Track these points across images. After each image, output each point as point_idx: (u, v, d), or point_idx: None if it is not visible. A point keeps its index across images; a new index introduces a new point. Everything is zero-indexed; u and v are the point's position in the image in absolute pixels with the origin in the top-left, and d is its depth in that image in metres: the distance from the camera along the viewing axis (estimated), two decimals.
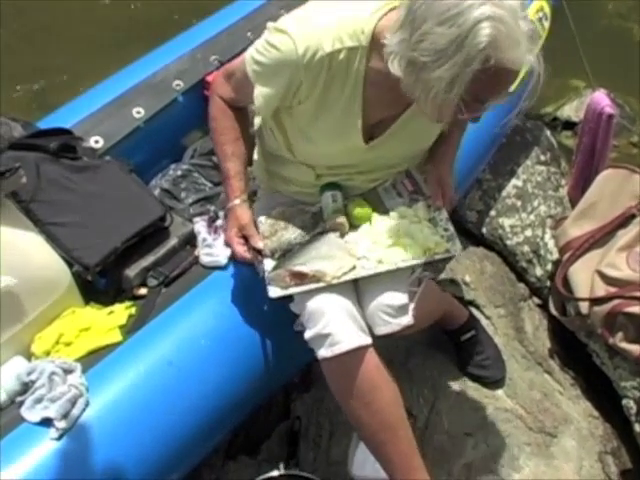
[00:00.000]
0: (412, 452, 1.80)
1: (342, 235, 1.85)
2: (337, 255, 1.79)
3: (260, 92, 1.69)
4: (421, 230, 1.82)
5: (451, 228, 1.83)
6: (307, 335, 1.73)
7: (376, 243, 1.82)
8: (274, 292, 1.76)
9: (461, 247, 1.82)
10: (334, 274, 1.75)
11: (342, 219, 1.85)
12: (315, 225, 1.86)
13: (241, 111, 1.85)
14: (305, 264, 1.76)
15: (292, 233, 1.84)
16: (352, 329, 1.72)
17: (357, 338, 1.71)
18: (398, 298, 1.77)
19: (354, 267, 1.78)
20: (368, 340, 1.73)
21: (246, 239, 1.81)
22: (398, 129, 1.77)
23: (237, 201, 1.81)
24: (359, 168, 1.86)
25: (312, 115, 1.71)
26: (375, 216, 1.88)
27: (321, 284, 1.74)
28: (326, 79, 1.64)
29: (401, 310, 1.77)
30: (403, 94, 1.55)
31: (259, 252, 1.79)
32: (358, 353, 1.72)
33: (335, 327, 1.70)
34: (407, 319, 1.78)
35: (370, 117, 1.73)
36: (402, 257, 1.78)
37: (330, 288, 1.75)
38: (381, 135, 1.77)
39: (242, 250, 1.79)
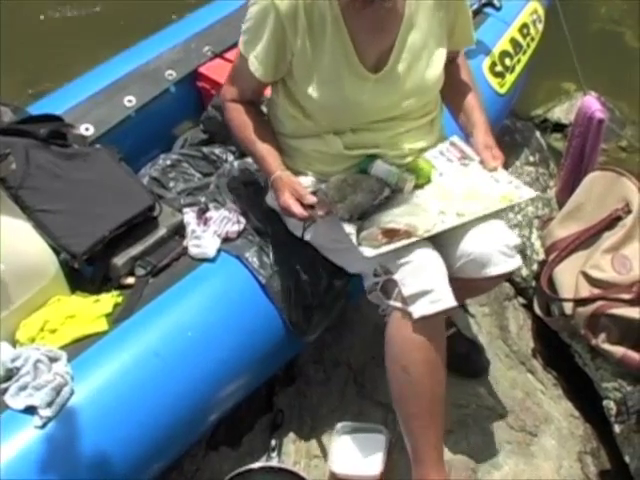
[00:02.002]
0: (440, 443, 1.83)
1: (409, 198, 1.86)
2: (418, 212, 1.80)
3: (252, 56, 1.82)
4: (487, 184, 1.85)
5: (514, 179, 1.87)
6: (406, 292, 1.71)
7: (448, 199, 1.84)
8: (369, 252, 1.74)
9: (533, 191, 1.87)
10: (425, 227, 1.75)
11: (411, 176, 1.87)
12: (382, 189, 1.84)
13: (253, 105, 1.95)
14: (394, 220, 1.76)
15: (362, 197, 1.81)
16: (449, 289, 1.74)
17: (453, 298, 1.73)
18: (513, 238, 1.84)
19: (440, 221, 1.79)
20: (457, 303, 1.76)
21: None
22: (399, 53, 1.82)
23: (278, 172, 1.85)
24: (383, 131, 1.88)
25: (310, 63, 1.79)
26: (435, 177, 1.91)
27: (413, 239, 1.74)
28: (306, 24, 1.75)
29: (515, 249, 1.82)
30: (386, 14, 1.73)
31: (312, 207, 1.79)
32: (443, 319, 1.75)
33: (437, 284, 1.71)
34: (519, 260, 1.84)
35: (365, 48, 1.79)
36: (482, 206, 1.80)
37: (424, 244, 1.75)
38: (385, 65, 1.81)
39: (301, 210, 1.78)
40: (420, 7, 1.82)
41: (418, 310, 1.71)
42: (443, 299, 1.71)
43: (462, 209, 1.80)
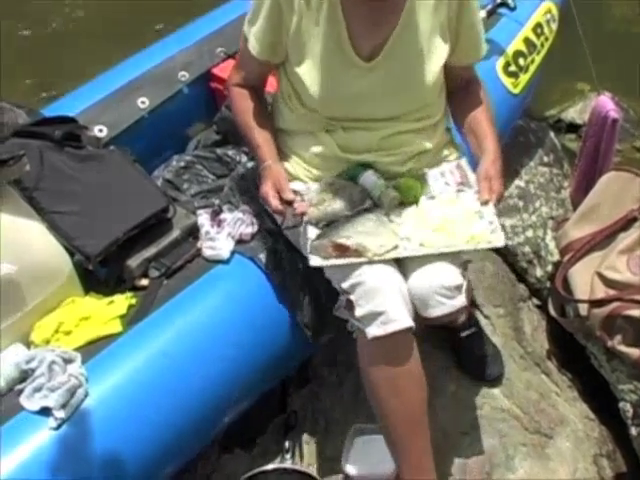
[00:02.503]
0: (427, 451, 1.81)
1: (387, 214, 1.86)
2: (381, 232, 1.80)
3: (252, 34, 1.85)
4: (466, 219, 1.83)
5: (496, 221, 1.83)
6: (358, 312, 1.72)
7: (420, 226, 1.82)
8: (315, 261, 1.76)
9: (504, 240, 1.81)
10: (376, 251, 1.75)
11: (395, 193, 1.86)
12: (362, 201, 1.86)
13: (257, 92, 1.97)
14: (349, 237, 1.76)
15: (339, 205, 1.83)
16: (405, 309, 1.72)
17: (408, 319, 1.72)
18: (453, 278, 1.77)
19: (396, 246, 1.78)
20: (413, 323, 1.74)
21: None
22: (394, 47, 1.80)
23: (270, 162, 1.87)
24: (375, 131, 1.88)
25: (304, 45, 1.80)
26: (422, 199, 1.89)
27: (362, 259, 1.74)
28: (303, 4, 1.77)
29: (456, 290, 1.77)
30: (386, 7, 1.75)
31: (289, 203, 1.81)
32: (405, 336, 1.72)
33: (390, 305, 1.70)
34: (461, 300, 1.79)
35: (359, 37, 1.79)
36: (445, 243, 1.78)
37: (383, 265, 1.75)
38: (378, 55, 1.81)
39: (277, 203, 1.80)
40: (421, 6, 1.81)
41: (371, 331, 1.71)
42: (397, 320, 1.70)
43: (427, 240, 1.79)
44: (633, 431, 2.14)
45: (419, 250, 1.78)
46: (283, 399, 2.24)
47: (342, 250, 1.75)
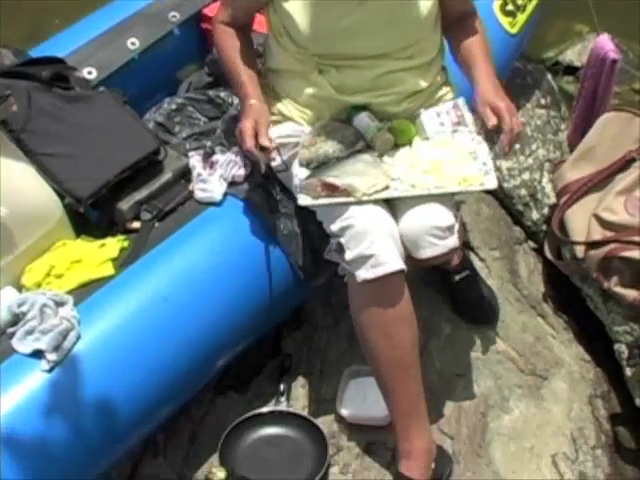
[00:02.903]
0: (419, 395, 1.82)
1: (380, 155, 1.84)
2: (372, 173, 1.78)
3: None
4: (459, 160, 1.81)
5: (490, 163, 1.81)
6: (348, 256, 1.71)
7: (412, 167, 1.81)
8: (304, 200, 1.76)
9: (497, 183, 1.80)
10: (365, 191, 1.73)
11: (389, 135, 1.84)
12: (355, 142, 1.84)
13: (244, 32, 1.93)
14: (338, 177, 1.74)
15: (331, 147, 1.81)
16: (395, 252, 1.71)
17: (399, 261, 1.70)
18: (445, 219, 1.76)
19: (387, 187, 1.77)
20: (405, 266, 1.72)
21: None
22: None
23: (253, 100, 1.83)
24: (368, 69, 1.84)
25: None
26: (416, 140, 1.87)
27: (351, 199, 1.73)
28: None
29: (448, 231, 1.76)
30: None
31: (262, 149, 1.76)
32: (395, 279, 1.71)
33: (379, 248, 1.68)
34: (453, 241, 1.78)
35: None
36: (436, 184, 1.77)
37: (372, 206, 1.73)
38: None
39: (252, 143, 1.75)
40: None
41: (361, 274, 1.70)
42: (387, 263, 1.68)
43: (418, 181, 1.78)
44: (628, 372, 2.15)
45: (410, 191, 1.77)
46: (277, 343, 2.23)
47: (331, 189, 1.73)
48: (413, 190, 1.77)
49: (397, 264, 1.70)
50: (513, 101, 2.73)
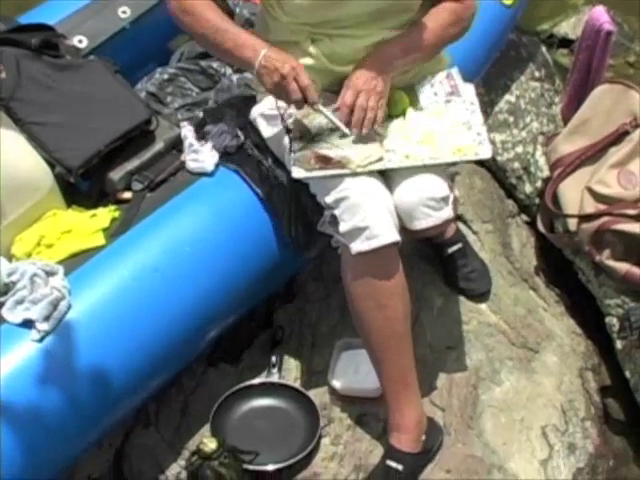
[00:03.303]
0: (410, 368, 1.82)
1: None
2: (366, 144, 1.76)
3: None
4: (453, 130, 1.80)
5: (484, 133, 1.81)
6: (342, 228, 1.70)
7: (406, 138, 1.80)
8: (298, 173, 1.74)
9: (491, 152, 1.80)
10: (359, 162, 1.72)
11: None
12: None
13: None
14: (331, 149, 1.73)
15: (325, 118, 1.77)
16: (390, 223, 1.70)
17: (394, 233, 1.69)
18: (440, 190, 1.76)
19: (381, 158, 1.75)
20: (400, 238, 1.71)
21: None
22: None
23: (266, 49, 1.72)
24: (361, 38, 1.80)
25: None
26: (410, 111, 1.86)
27: (345, 171, 1.71)
28: None
29: (443, 202, 1.76)
30: None
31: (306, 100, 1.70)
32: (390, 251, 1.70)
33: (374, 220, 1.67)
34: (448, 212, 1.78)
35: None
36: (431, 154, 1.76)
37: (367, 178, 1.72)
38: None
39: (298, 92, 1.69)
40: None
41: (355, 246, 1.69)
42: (381, 235, 1.67)
43: (412, 152, 1.77)
44: (618, 345, 2.15)
45: (404, 162, 1.76)
46: (269, 315, 2.23)
47: (325, 161, 1.72)
48: (407, 161, 1.76)
49: (392, 236, 1.69)
50: (507, 74, 2.77)
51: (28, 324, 1.62)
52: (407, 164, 1.75)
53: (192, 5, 1.78)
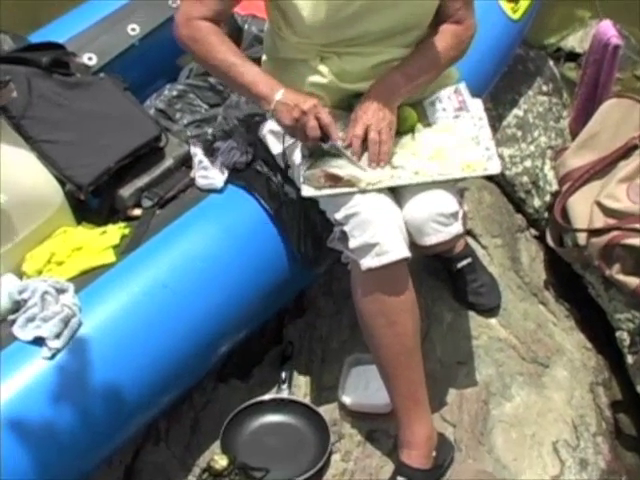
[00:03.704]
0: (420, 383, 1.82)
1: None
2: None
3: None
4: (462, 146, 1.80)
5: (492, 148, 1.81)
6: (352, 244, 1.70)
7: (415, 154, 1.80)
8: (307, 191, 1.74)
9: (500, 167, 1.80)
10: (369, 181, 1.72)
11: None
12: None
13: (221, 29, 1.81)
14: (341, 167, 1.73)
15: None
16: (400, 239, 1.70)
17: (404, 249, 1.69)
18: (450, 205, 1.76)
19: (391, 176, 1.75)
20: (410, 253, 1.71)
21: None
22: None
23: (283, 89, 1.71)
24: (370, 56, 1.81)
25: None
26: (419, 127, 1.86)
27: (355, 189, 1.71)
28: None
29: (452, 217, 1.76)
30: None
31: (322, 138, 1.71)
32: (400, 267, 1.70)
33: (384, 236, 1.67)
34: (458, 227, 1.78)
35: None
36: (439, 170, 1.76)
37: (377, 194, 1.72)
38: None
39: (317, 129, 1.69)
40: None
41: (365, 262, 1.69)
42: (391, 251, 1.67)
43: (421, 168, 1.76)
44: (629, 359, 2.14)
45: (414, 178, 1.75)
46: (279, 330, 2.23)
47: (334, 180, 1.72)
48: (417, 177, 1.76)
49: (402, 252, 1.69)
50: (515, 89, 2.78)
51: (39, 342, 1.63)
52: (416, 181, 1.75)
53: (205, 35, 1.76)
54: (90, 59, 2.20)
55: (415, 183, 1.75)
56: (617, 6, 3.15)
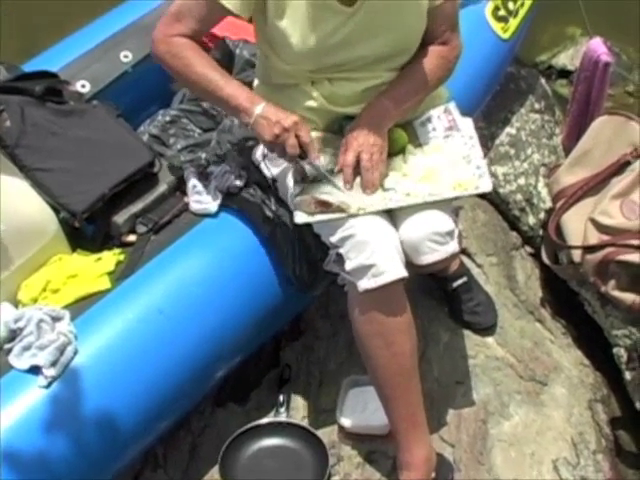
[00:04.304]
0: (418, 404, 1.81)
1: None
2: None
3: None
4: (453, 165, 1.81)
5: (483, 166, 1.82)
6: (349, 266, 1.70)
7: (406, 176, 1.80)
8: (300, 218, 1.74)
9: (491, 185, 1.80)
10: (359, 205, 1.73)
11: None
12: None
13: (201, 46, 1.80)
14: (331, 194, 1.73)
15: (324, 160, 1.78)
16: (396, 259, 1.70)
17: (401, 269, 1.70)
18: (445, 224, 1.76)
19: (382, 198, 1.76)
20: (406, 273, 1.71)
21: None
22: None
23: (264, 103, 1.70)
24: (361, 81, 1.82)
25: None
26: (409, 148, 1.87)
27: (344, 215, 1.72)
28: None
29: (448, 236, 1.77)
30: None
31: (301, 156, 1.71)
32: (396, 287, 1.70)
33: (380, 257, 1.67)
34: (454, 246, 1.78)
35: None
36: (430, 191, 1.76)
37: (373, 217, 1.73)
38: None
39: (296, 145, 1.68)
40: None
41: (362, 284, 1.69)
42: (388, 271, 1.67)
43: (413, 190, 1.77)
44: (627, 376, 2.14)
45: (405, 200, 1.76)
46: (276, 353, 2.23)
47: (325, 206, 1.73)
48: (408, 199, 1.76)
49: (399, 272, 1.69)
50: (507, 107, 2.79)
51: (35, 370, 1.63)
52: (408, 202, 1.76)
53: (183, 50, 1.75)
54: (84, 86, 2.21)
55: (406, 205, 1.76)
56: (609, 22, 3.18)
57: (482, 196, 2.59)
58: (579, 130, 2.60)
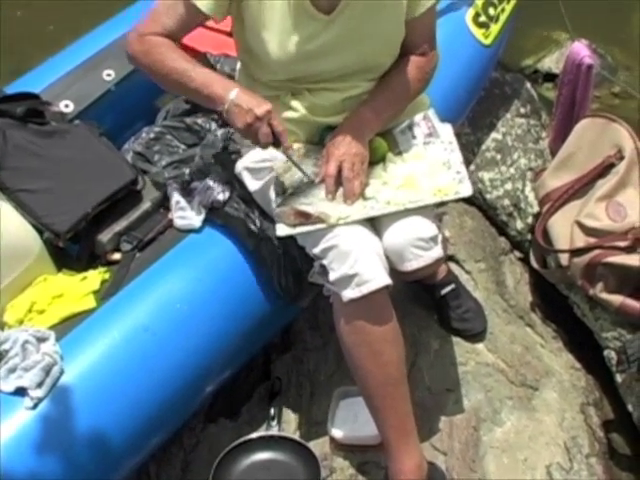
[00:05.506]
0: (408, 413, 1.81)
1: None
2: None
3: None
4: (433, 171, 1.81)
5: (463, 171, 1.82)
6: (332, 276, 1.70)
7: (386, 184, 1.81)
8: (282, 230, 1.75)
9: (471, 189, 1.80)
10: (339, 215, 1.73)
11: None
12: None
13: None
14: (311, 204, 1.74)
15: (305, 171, 1.78)
16: (379, 267, 1.70)
17: (384, 277, 1.69)
18: (428, 230, 1.76)
19: (363, 207, 1.76)
20: (390, 281, 1.71)
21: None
22: None
23: (238, 89, 1.68)
24: (341, 91, 1.83)
25: (260, 6, 1.73)
26: (390, 156, 1.87)
27: (324, 225, 1.72)
28: None
29: (432, 241, 1.76)
30: None
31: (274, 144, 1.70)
32: (381, 296, 1.70)
33: (363, 266, 1.67)
34: (438, 251, 1.78)
35: None
36: (410, 198, 1.77)
37: (355, 227, 1.73)
38: (338, 6, 1.74)
39: (268, 132, 1.67)
40: None
41: (346, 294, 1.69)
42: (372, 280, 1.67)
43: (392, 198, 1.78)
44: (618, 378, 2.14)
45: (386, 208, 1.76)
46: (266, 366, 2.22)
47: (304, 217, 1.73)
48: (388, 207, 1.76)
49: (382, 280, 1.69)
50: (492, 112, 2.79)
51: (21, 392, 1.63)
52: (388, 210, 1.76)
53: (156, 46, 1.74)
54: (67, 106, 2.21)
55: (387, 213, 1.76)
56: (594, 25, 3.19)
57: (469, 202, 2.59)
58: (565, 133, 2.59)
